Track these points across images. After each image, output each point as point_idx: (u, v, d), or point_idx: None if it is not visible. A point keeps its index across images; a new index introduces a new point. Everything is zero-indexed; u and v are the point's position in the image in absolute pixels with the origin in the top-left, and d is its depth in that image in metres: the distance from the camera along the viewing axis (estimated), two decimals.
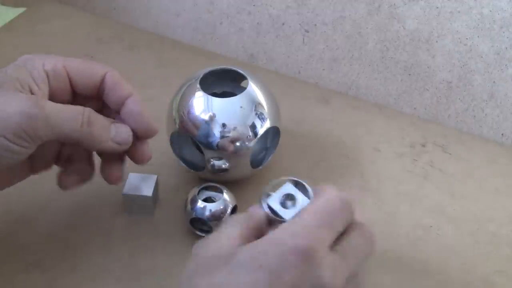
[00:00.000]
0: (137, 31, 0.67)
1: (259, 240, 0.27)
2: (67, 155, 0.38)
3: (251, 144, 0.43)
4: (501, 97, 0.53)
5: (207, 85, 0.45)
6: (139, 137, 0.37)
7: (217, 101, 0.42)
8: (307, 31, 0.59)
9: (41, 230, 0.43)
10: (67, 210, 0.45)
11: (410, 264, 0.43)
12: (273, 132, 0.47)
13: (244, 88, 0.44)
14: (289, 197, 0.31)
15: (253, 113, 0.43)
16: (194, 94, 0.43)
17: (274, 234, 0.27)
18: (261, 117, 0.43)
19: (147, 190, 0.43)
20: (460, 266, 0.43)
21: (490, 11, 0.49)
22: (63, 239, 0.42)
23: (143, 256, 0.41)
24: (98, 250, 0.42)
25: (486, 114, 0.55)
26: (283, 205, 0.31)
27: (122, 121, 0.37)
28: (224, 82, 0.49)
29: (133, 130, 0.37)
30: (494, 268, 0.43)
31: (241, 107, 0.43)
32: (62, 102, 0.33)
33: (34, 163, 0.37)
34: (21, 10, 0.67)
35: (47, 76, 0.34)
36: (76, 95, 0.37)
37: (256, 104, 0.43)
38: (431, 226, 0.46)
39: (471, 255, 0.44)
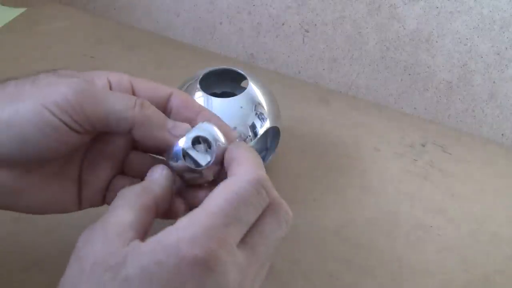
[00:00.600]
0: (137, 31, 0.67)
1: (152, 244, 0.24)
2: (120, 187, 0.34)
3: (251, 144, 0.43)
4: (501, 97, 0.53)
5: (207, 85, 0.45)
6: None
7: (217, 101, 0.42)
8: (307, 31, 0.59)
9: (41, 230, 0.43)
10: None
11: (410, 264, 0.43)
12: (273, 132, 0.47)
13: (244, 88, 0.44)
14: (202, 141, 0.29)
15: (253, 113, 0.43)
16: (194, 94, 0.43)
17: (170, 238, 0.24)
18: (261, 117, 0.43)
19: None
20: (460, 266, 0.43)
21: (490, 11, 0.49)
22: (63, 239, 0.42)
23: None
24: None
25: (486, 114, 0.55)
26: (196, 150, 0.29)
27: None
28: (224, 82, 0.49)
29: None
30: (494, 268, 0.43)
31: (241, 107, 0.43)
32: None
33: (82, 189, 0.34)
34: (21, 10, 0.67)
35: (110, 85, 0.32)
36: None
37: (256, 104, 0.43)
38: (431, 226, 0.46)
39: (471, 255, 0.44)
